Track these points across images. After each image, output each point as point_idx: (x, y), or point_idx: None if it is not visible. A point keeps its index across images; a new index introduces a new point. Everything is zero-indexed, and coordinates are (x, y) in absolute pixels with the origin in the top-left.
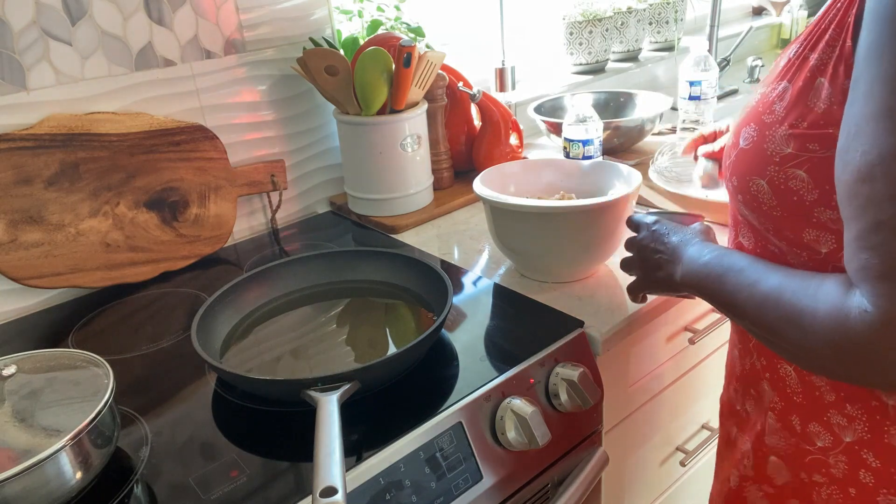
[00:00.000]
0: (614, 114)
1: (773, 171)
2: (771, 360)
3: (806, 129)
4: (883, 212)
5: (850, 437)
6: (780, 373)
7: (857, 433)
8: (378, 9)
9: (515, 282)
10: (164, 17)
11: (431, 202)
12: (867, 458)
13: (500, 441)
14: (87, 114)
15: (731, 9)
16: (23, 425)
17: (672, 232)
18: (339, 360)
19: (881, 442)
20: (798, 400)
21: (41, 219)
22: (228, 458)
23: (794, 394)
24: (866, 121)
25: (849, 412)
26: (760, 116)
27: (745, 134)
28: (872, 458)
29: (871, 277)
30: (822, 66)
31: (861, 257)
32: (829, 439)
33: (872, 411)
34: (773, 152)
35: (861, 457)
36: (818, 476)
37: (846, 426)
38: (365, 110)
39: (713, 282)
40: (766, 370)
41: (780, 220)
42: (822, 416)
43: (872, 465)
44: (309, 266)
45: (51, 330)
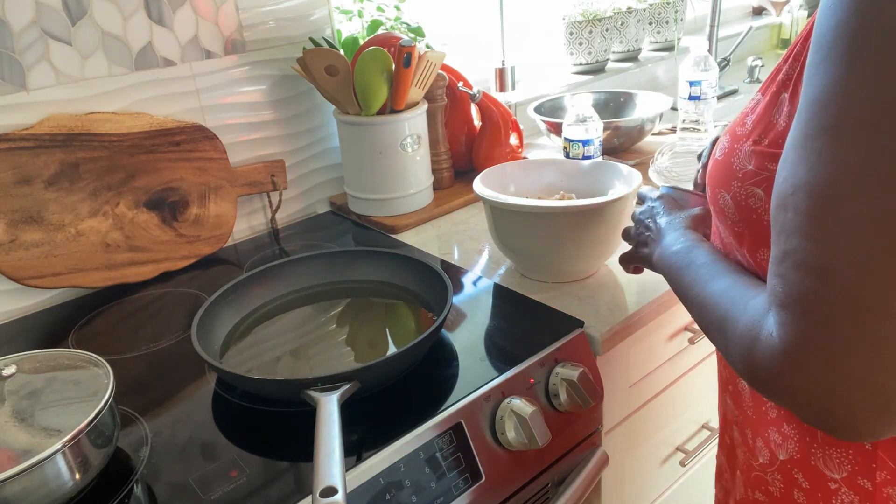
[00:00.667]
0: (614, 114)
1: (736, 187)
2: (731, 371)
3: (766, 146)
4: (790, 242)
5: (783, 456)
6: (738, 385)
7: (789, 452)
8: (378, 9)
9: (515, 282)
10: (164, 17)
11: (431, 202)
12: (798, 478)
13: (500, 441)
14: (87, 114)
15: (731, 9)
16: (23, 425)
17: (665, 213)
18: (339, 360)
19: (809, 464)
20: (750, 414)
21: (41, 219)
22: (228, 458)
23: (747, 407)
24: (791, 147)
25: (785, 431)
26: (735, 128)
27: (721, 144)
28: (803, 478)
29: (776, 304)
30: (787, 81)
31: (771, 282)
32: (768, 456)
33: (804, 432)
34: (737, 167)
35: (794, 476)
36: (759, 494)
37: (781, 444)
38: (365, 110)
39: (675, 273)
40: (728, 382)
41: (740, 236)
42: (765, 431)
43: (803, 486)
44: (309, 266)
45: (51, 330)
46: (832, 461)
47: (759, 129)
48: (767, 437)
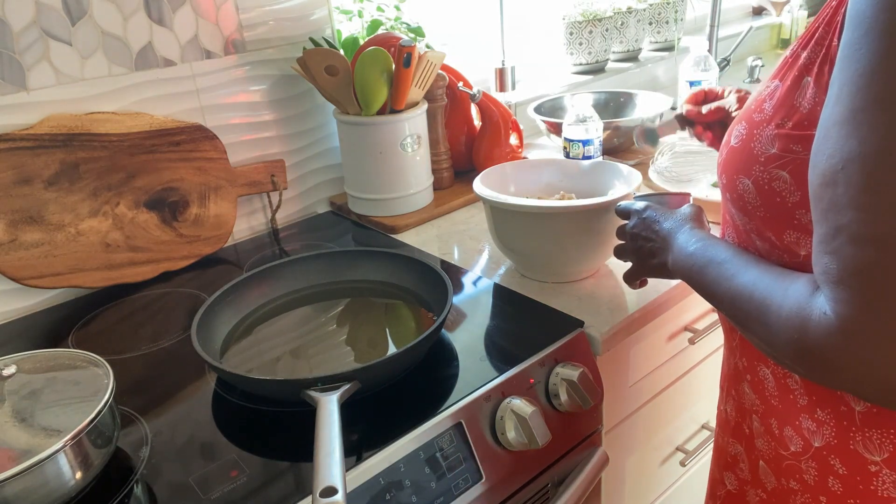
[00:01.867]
0: (614, 114)
1: (758, 171)
2: (751, 362)
3: (790, 129)
4: (842, 217)
5: (818, 443)
6: (759, 375)
7: (825, 438)
8: (378, 9)
9: (515, 282)
10: (164, 17)
11: (431, 202)
12: (834, 464)
13: (500, 441)
14: (87, 114)
15: (731, 9)
16: (23, 425)
17: (663, 218)
18: (339, 360)
19: (847, 448)
20: (775, 403)
21: (41, 219)
22: (228, 458)
23: (771, 397)
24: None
25: (818, 417)
26: (751, 115)
27: (737, 132)
28: (839, 464)
29: (830, 282)
30: (810, 65)
31: (822, 261)
32: (801, 444)
33: (840, 416)
34: (758, 152)
35: (829, 463)
36: (794, 482)
37: (815, 431)
38: (365, 110)
39: (696, 273)
40: (747, 371)
41: (764, 220)
42: (795, 420)
43: (840, 473)
44: (309, 266)
45: (51, 330)
46: (872, 443)
47: (782, 113)
48: (799, 425)
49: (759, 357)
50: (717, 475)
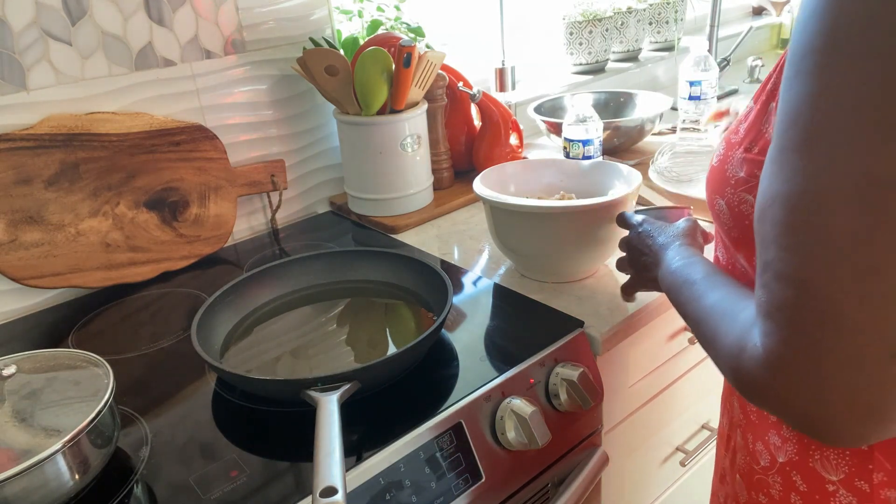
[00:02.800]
0: (614, 114)
1: (730, 193)
2: None
3: (756, 154)
4: (769, 253)
5: (782, 458)
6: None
7: (788, 454)
8: (378, 9)
9: (515, 282)
10: (164, 17)
11: (431, 202)
12: (796, 480)
13: (500, 441)
14: (87, 114)
15: (731, 9)
16: (23, 425)
17: (657, 233)
18: (339, 360)
19: (807, 465)
20: (752, 418)
21: (41, 219)
22: (228, 458)
23: (751, 412)
24: (769, 160)
25: (783, 433)
26: (730, 135)
27: (718, 150)
28: (801, 481)
29: (760, 314)
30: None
31: (756, 293)
32: (768, 459)
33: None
34: (730, 174)
35: (792, 479)
36: (763, 497)
37: (780, 447)
38: (365, 110)
39: (675, 291)
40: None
41: (738, 241)
42: (765, 435)
43: (801, 489)
44: (309, 266)
45: (51, 330)
46: (829, 462)
47: (750, 137)
48: (767, 440)
49: None
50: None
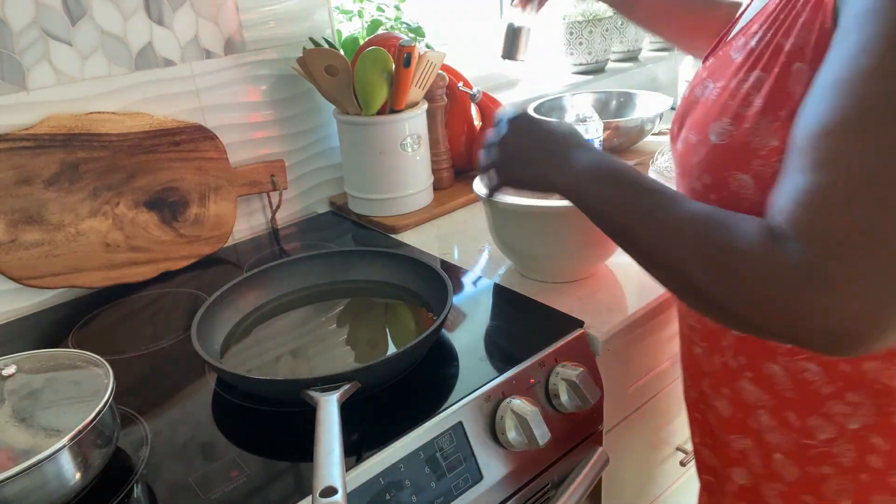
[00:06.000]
0: (614, 114)
1: (759, 165)
2: (752, 359)
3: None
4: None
5: (855, 425)
6: (764, 371)
7: (864, 419)
8: (378, 9)
9: (515, 282)
10: (164, 17)
11: (431, 202)
12: (875, 442)
13: (500, 441)
14: (87, 114)
15: None
16: (23, 425)
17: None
18: (339, 360)
19: (888, 424)
20: (790, 395)
21: (41, 219)
22: (228, 458)
23: (784, 390)
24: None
25: (851, 399)
26: (736, 109)
27: (718, 129)
28: (881, 441)
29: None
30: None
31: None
32: (833, 431)
33: (876, 395)
34: (757, 145)
35: (869, 442)
36: (827, 468)
37: (850, 414)
38: (365, 110)
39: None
40: (746, 369)
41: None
42: (821, 408)
43: (882, 448)
44: (309, 266)
45: (51, 330)
46: None
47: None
48: (827, 412)
49: (763, 354)
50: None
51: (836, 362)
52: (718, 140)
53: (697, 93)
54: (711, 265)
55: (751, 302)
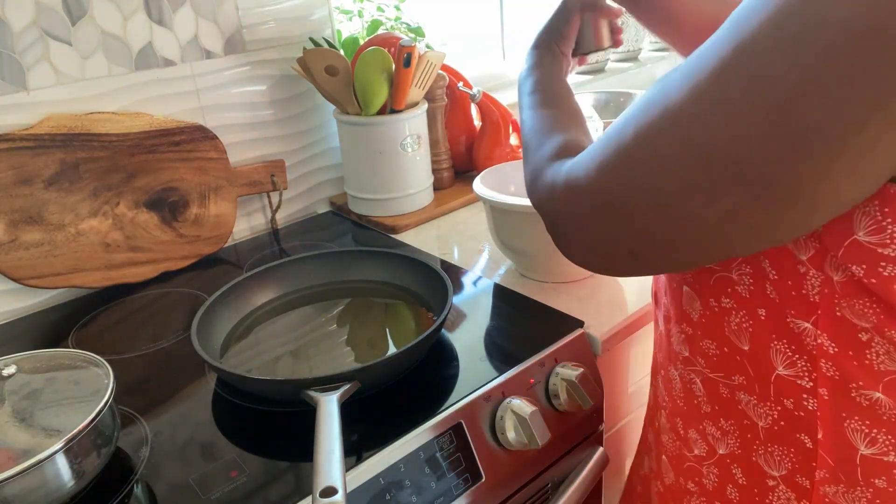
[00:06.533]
0: (614, 114)
1: None
2: (665, 359)
3: None
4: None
5: (723, 450)
6: (669, 374)
7: (730, 447)
8: (378, 9)
9: (515, 282)
10: (164, 17)
11: (431, 202)
12: (735, 473)
13: (500, 441)
14: (87, 114)
15: None
16: (23, 425)
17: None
18: (339, 360)
19: (749, 459)
20: (680, 404)
21: (41, 219)
22: (228, 458)
23: (677, 397)
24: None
25: (723, 426)
26: None
27: None
28: (741, 474)
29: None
30: None
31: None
32: (705, 449)
33: (744, 429)
34: None
35: (731, 471)
36: (692, 484)
37: (720, 438)
38: (365, 110)
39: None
40: (661, 367)
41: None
42: (699, 424)
43: (739, 482)
44: (309, 266)
45: (51, 330)
46: (773, 458)
47: None
48: (703, 429)
49: (670, 356)
50: (638, 456)
51: (717, 384)
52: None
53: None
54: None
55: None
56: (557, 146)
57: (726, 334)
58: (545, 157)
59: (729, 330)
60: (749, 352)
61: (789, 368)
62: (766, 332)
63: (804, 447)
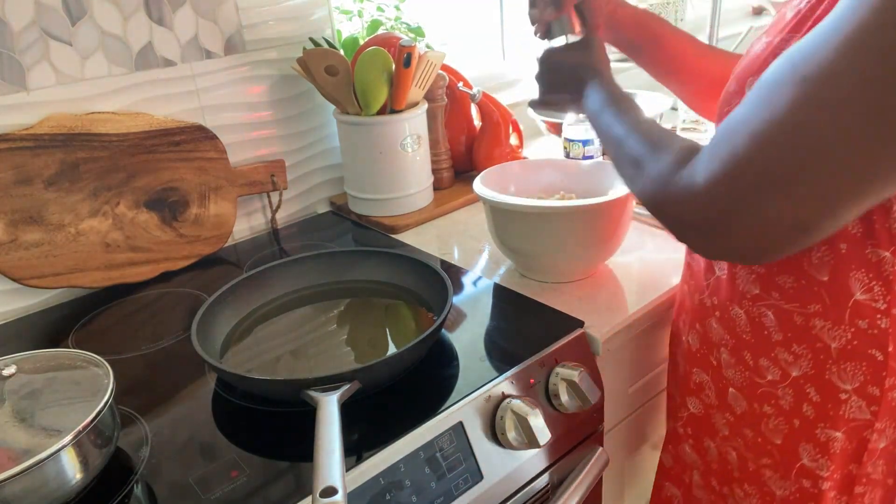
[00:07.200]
0: None
1: None
2: (722, 301)
3: None
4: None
5: (796, 372)
6: (730, 314)
7: (803, 368)
8: (378, 9)
9: (515, 282)
10: (164, 17)
11: (431, 202)
12: (810, 392)
13: (500, 441)
14: (87, 114)
15: (731, 9)
16: (23, 425)
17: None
18: (339, 360)
19: (822, 378)
20: (747, 338)
21: (41, 219)
22: (228, 458)
23: (743, 332)
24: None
25: (796, 350)
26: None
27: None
28: (814, 393)
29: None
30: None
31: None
32: (778, 373)
33: (817, 351)
34: None
35: (805, 391)
36: (767, 407)
37: (793, 363)
38: (365, 110)
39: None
40: (716, 309)
41: None
42: (770, 352)
43: (814, 400)
44: (309, 266)
45: (51, 330)
46: (846, 374)
47: None
48: (775, 356)
49: (732, 297)
50: (677, 400)
51: (791, 314)
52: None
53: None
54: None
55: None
56: (679, 151)
57: (805, 268)
58: (669, 164)
59: (809, 264)
60: (828, 282)
61: (866, 293)
62: (845, 264)
63: (875, 361)
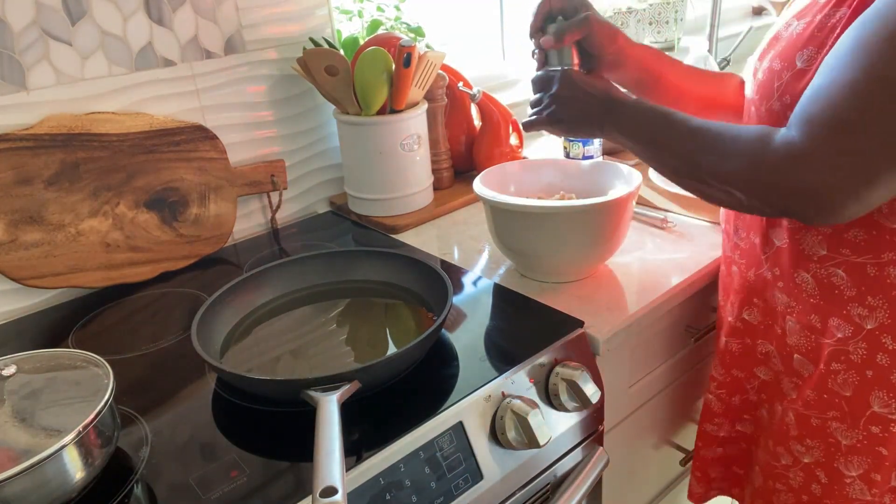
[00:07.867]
0: None
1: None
2: (786, 270)
3: None
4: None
5: (871, 325)
6: (796, 280)
7: (879, 320)
8: (378, 9)
9: (515, 282)
10: (164, 17)
11: (431, 202)
12: (885, 341)
13: (500, 441)
14: (87, 114)
15: (731, 9)
16: (23, 425)
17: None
18: (339, 360)
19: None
20: (814, 301)
21: (41, 219)
22: (228, 458)
23: (810, 296)
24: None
25: (870, 303)
26: (823, 39)
27: (806, 55)
28: (890, 340)
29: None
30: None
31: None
32: (850, 330)
33: (893, 300)
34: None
35: (881, 341)
36: (837, 364)
37: (867, 316)
38: (365, 110)
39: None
40: (779, 279)
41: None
42: (843, 310)
43: (890, 348)
44: (309, 266)
45: (51, 330)
46: None
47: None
48: (847, 313)
49: (796, 264)
50: (748, 370)
51: (864, 267)
52: (804, 65)
53: (782, 32)
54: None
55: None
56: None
57: (875, 219)
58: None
59: (879, 214)
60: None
61: None
62: None
63: None
